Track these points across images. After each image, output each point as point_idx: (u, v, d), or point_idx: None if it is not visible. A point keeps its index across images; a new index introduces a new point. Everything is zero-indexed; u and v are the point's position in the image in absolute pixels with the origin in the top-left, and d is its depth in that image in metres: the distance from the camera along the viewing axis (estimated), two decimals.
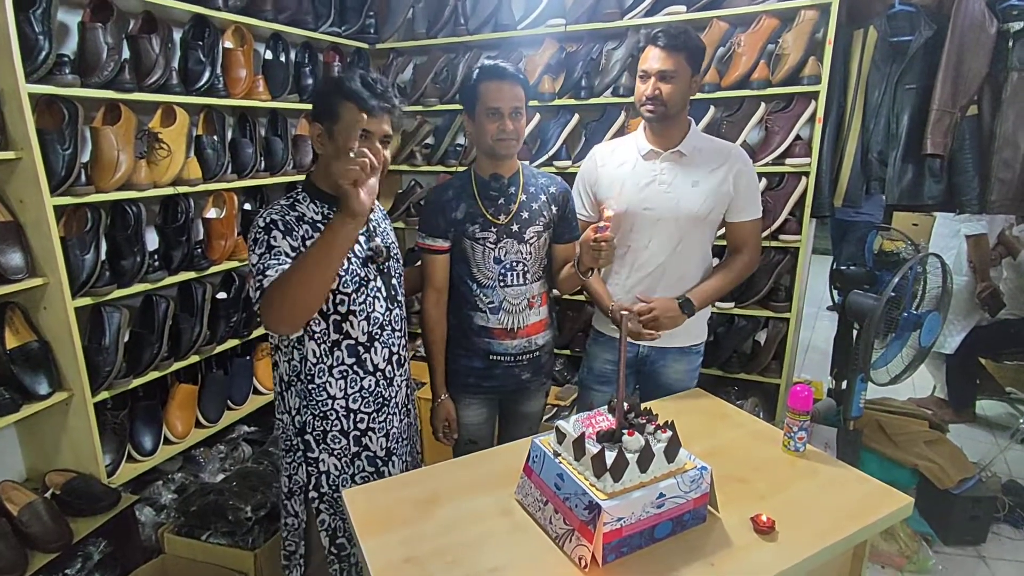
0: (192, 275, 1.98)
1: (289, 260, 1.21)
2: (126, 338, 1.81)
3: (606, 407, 1.14)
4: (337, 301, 1.31)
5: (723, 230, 1.80)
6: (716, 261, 1.76)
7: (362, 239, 1.37)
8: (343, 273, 1.30)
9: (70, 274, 1.60)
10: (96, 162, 1.68)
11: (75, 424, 1.68)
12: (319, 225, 1.30)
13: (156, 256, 1.88)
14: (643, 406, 1.12)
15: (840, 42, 2.03)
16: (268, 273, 1.19)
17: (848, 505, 1.11)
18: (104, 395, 1.72)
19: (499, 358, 1.62)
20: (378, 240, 1.40)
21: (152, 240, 1.94)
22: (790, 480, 1.20)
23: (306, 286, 1.17)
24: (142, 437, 1.85)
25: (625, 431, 1.02)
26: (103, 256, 1.73)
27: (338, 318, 1.32)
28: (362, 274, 1.34)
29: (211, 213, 2.11)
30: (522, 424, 1.75)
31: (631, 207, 1.62)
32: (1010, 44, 1.83)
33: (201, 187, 1.96)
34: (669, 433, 1.02)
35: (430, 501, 1.14)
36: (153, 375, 1.86)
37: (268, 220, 1.25)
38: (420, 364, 2.87)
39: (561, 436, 1.08)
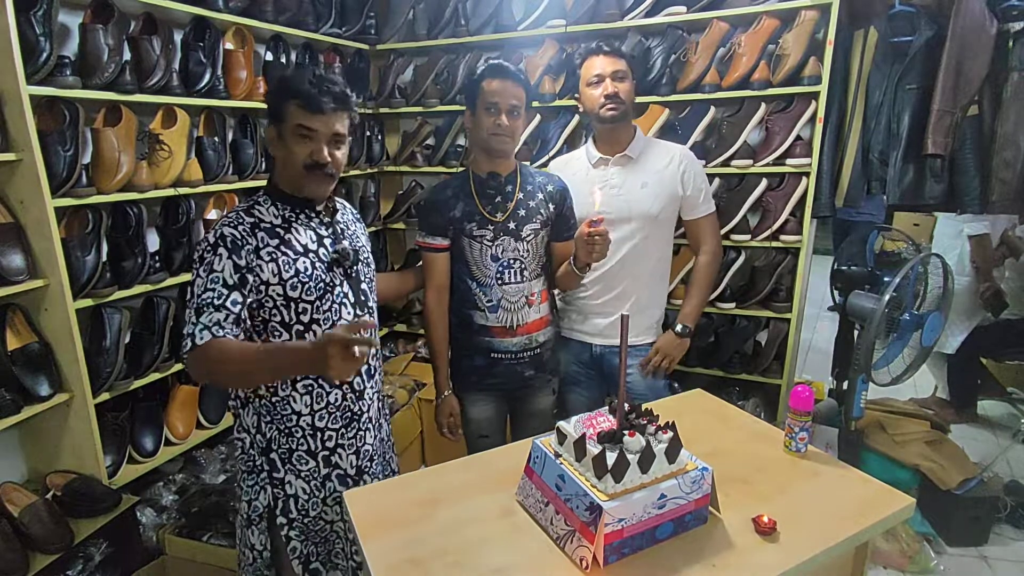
0: None
1: (225, 291, 1.14)
2: (127, 339, 1.81)
3: (607, 408, 1.14)
4: (299, 310, 1.23)
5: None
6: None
7: (327, 241, 1.29)
8: (306, 279, 1.22)
9: (71, 275, 1.60)
10: (97, 163, 1.69)
11: (76, 425, 1.68)
12: (278, 230, 1.23)
13: (157, 257, 1.88)
14: (644, 407, 1.12)
15: (841, 42, 2.03)
16: (202, 320, 1.11)
17: (850, 506, 1.11)
18: (105, 396, 1.72)
19: (500, 356, 1.63)
20: (346, 243, 1.32)
21: (153, 241, 1.94)
22: (791, 481, 1.20)
23: (241, 381, 1.18)
24: (143, 438, 1.85)
25: (626, 432, 1.02)
26: (104, 257, 1.73)
27: (300, 328, 1.24)
28: (327, 279, 1.25)
29: (212, 214, 2.11)
30: (532, 422, 1.77)
31: (586, 213, 1.66)
32: (1010, 44, 1.83)
33: (202, 188, 1.96)
34: (670, 434, 1.02)
35: (431, 502, 1.14)
36: (154, 376, 1.86)
37: (218, 234, 1.18)
38: (422, 365, 2.88)
39: (562, 437, 1.08)
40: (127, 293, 1.77)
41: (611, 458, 0.96)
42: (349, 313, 1.30)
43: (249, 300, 1.18)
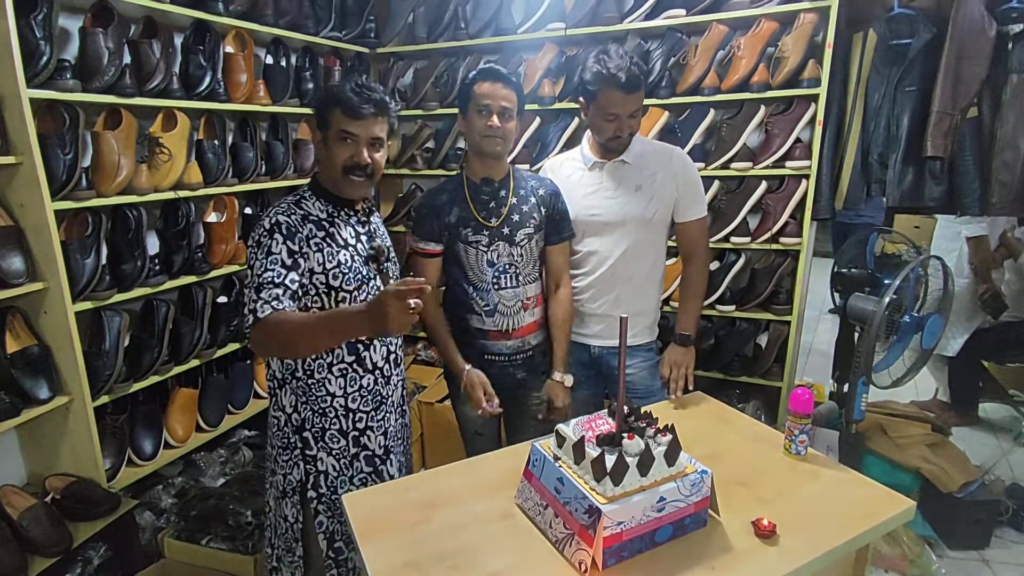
0: (193, 279, 1.98)
1: (283, 271, 1.22)
2: (126, 342, 1.81)
3: (606, 411, 1.14)
4: (339, 299, 1.32)
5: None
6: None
7: (364, 239, 1.39)
8: (347, 271, 1.32)
9: (71, 278, 1.60)
10: (97, 166, 1.69)
11: (75, 428, 1.68)
12: (323, 223, 1.32)
13: (157, 260, 1.88)
14: (643, 410, 1.12)
15: (840, 45, 2.04)
16: (263, 296, 1.18)
17: (850, 509, 1.11)
18: (104, 399, 1.72)
19: (494, 358, 1.65)
20: (378, 241, 1.43)
21: (153, 244, 1.94)
22: (792, 484, 1.19)
23: (302, 346, 1.21)
24: (142, 441, 1.85)
25: (625, 435, 1.02)
26: (103, 260, 1.73)
27: None
28: (364, 272, 1.36)
29: (212, 217, 2.12)
30: (526, 423, 1.77)
31: (580, 215, 1.70)
32: (1009, 46, 1.83)
33: (202, 191, 1.96)
34: (669, 437, 1.02)
35: (430, 505, 1.14)
36: (153, 379, 1.86)
37: (273, 222, 1.27)
38: (421, 368, 2.88)
39: (561, 440, 1.07)
40: (126, 296, 1.77)
41: (610, 461, 0.95)
42: None
43: (303, 280, 1.27)
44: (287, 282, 1.22)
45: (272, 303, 1.18)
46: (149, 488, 1.93)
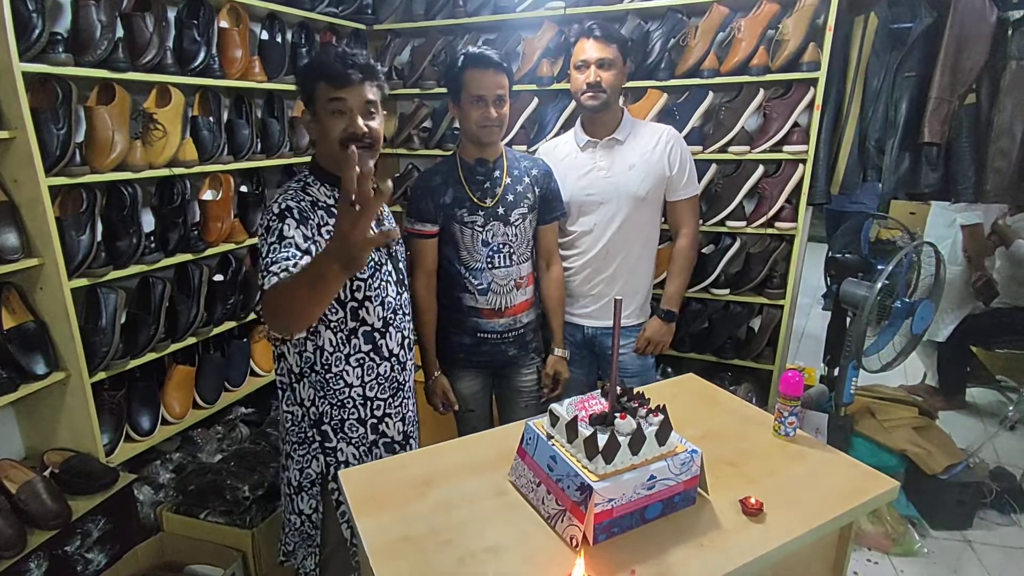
0: (189, 257, 1.97)
1: (299, 252, 1.17)
2: (123, 319, 1.81)
3: (599, 391, 1.16)
4: (354, 288, 1.30)
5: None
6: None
7: (372, 224, 1.36)
8: None
9: (66, 255, 1.60)
10: (91, 142, 1.67)
11: (73, 404, 1.69)
12: (332, 209, 1.29)
13: (152, 238, 1.87)
14: (635, 390, 1.14)
15: (841, 28, 2.02)
16: (272, 269, 1.13)
17: (835, 488, 1.13)
18: (101, 375, 1.72)
19: (486, 335, 1.68)
20: (386, 224, 1.41)
21: (148, 222, 1.93)
22: (780, 464, 1.22)
23: (301, 304, 1.08)
24: (140, 417, 1.86)
25: (617, 414, 1.03)
26: (99, 237, 1.73)
27: (355, 304, 1.32)
28: (376, 258, 1.34)
29: (207, 195, 2.10)
30: (517, 399, 1.81)
31: (574, 196, 1.75)
32: (1009, 33, 1.83)
33: (197, 169, 1.95)
34: (661, 417, 1.04)
35: (425, 482, 1.15)
36: (150, 356, 1.86)
37: (283, 206, 1.22)
38: (417, 347, 2.89)
39: (554, 419, 1.09)
40: (122, 273, 1.77)
41: (602, 440, 0.97)
42: (393, 290, 1.39)
43: None
44: (301, 262, 1.16)
45: (280, 274, 1.12)
46: (147, 463, 1.94)
